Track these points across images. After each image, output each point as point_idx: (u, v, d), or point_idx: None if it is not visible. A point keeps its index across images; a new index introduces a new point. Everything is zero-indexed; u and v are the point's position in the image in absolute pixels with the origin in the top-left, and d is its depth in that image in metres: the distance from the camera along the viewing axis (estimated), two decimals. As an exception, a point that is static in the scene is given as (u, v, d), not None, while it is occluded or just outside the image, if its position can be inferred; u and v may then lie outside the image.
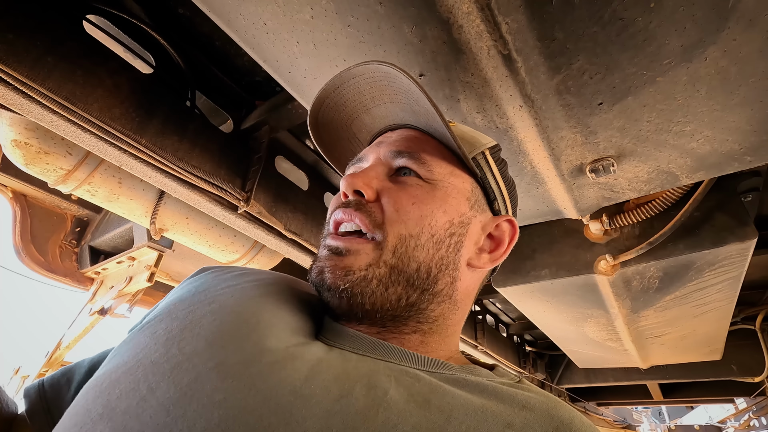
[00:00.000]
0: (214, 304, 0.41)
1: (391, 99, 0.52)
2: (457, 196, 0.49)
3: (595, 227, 1.35)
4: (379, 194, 0.47)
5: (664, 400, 3.65)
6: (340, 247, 0.44)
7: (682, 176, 0.91)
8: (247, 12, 0.65)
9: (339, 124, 0.58)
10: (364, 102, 0.54)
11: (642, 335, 1.91)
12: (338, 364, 0.36)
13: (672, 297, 1.51)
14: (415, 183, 0.48)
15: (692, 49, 0.62)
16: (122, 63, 0.94)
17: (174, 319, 0.40)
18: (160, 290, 2.00)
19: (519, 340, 3.16)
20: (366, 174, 0.48)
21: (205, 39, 1.10)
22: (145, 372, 0.34)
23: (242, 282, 0.46)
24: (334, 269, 0.43)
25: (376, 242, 0.44)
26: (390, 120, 0.56)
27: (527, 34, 0.60)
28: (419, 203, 0.46)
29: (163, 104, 0.99)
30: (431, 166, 0.49)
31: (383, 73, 0.49)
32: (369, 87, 0.52)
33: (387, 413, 0.32)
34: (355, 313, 0.43)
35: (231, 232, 1.47)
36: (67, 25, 0.85)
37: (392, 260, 0.44)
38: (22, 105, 0.79)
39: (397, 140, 0.52)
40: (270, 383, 0.32)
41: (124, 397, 0.32)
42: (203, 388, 0.31)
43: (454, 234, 0.48)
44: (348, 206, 0.46)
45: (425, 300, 0.45)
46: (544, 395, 0.39)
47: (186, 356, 0.34)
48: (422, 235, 0.45)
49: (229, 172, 1.11)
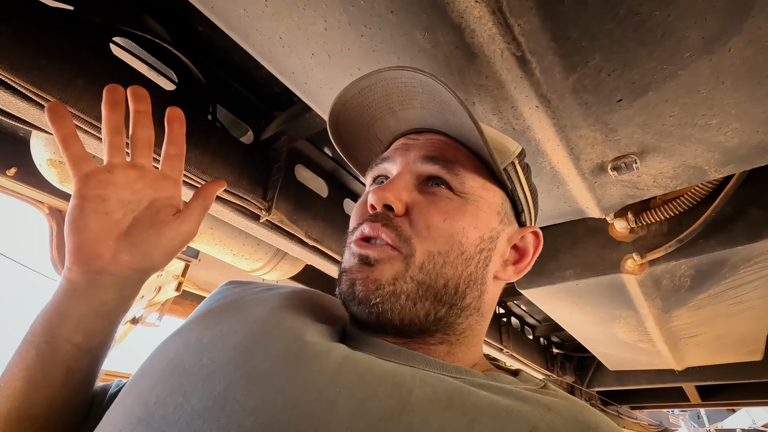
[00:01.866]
0: (242, 314, 0.43)
1: (422, 105, 0.51)
2: (488, 211, 0.48)
3: (621, 225, 1.32)
4: (409, 207, 0.46)
5: (702, 403, 3.50)
6: (369, 256, 0.44)
7: (711, 171, 0.88)
8: (264, 27, 0.67)
9: (360, 124, 0.57)
10: (390, 105, 0.53)
11: (675, 336, 1.84)
12: (363, 363, 0.37)
13: (705, 295, 1.46)
14: (446, 196, 0.46)
15: (714, 41, 0.60)
16: (147, 81, 0.98)
17: (204, 328, 0.42)
18: (188, 299, 2.06)
19: (546, 342, 3.09)
20: (395, 187, 0.46)
21: (224, 54, 1.14)
22: (180, 380, 0.36)
23: (267, 295, 0.48)
24: (365, 282, 0.43)
25: (404, 255, 0.43)
26: (417, 123, 0.54)
27: (540, 34, 0.59)
28: (450, 219, 0.45)
29: (186, 119, 1.03)
30: (464, 179, 0.47)
31: (418, 81, 0.47)
32: (398, 91, 0.51)
33: (411, 416, 0.32)
34: (384, 327, 0.43)
35: (254, 240, 1.51)
36: (95, 48, 0.90)
37: (420, 276, 0.43)
38: (55, 126, 0.83)
39: (427, 145, 0.50)
40: (297, 388, 0.33)
41: (161, 403, 0.34)
42: (235, 396, 0.33)
43: (484, 250, 0.47)
44: (376, 221, 0.45)
45: (453, 314, 0.45)
46: (570, 400, 0.39)
47: (217, 365, 0.36)
48: (452, 252, 0.44)
49: (250, 182, 1.14)
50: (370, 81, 0.51)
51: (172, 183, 0.50)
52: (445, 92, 0.45)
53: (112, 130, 0.48)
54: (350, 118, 0.56)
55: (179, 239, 0.47)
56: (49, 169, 1.09)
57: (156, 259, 0.46)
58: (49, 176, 1.11)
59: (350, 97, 0.53)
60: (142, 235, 0.45)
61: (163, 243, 0.46)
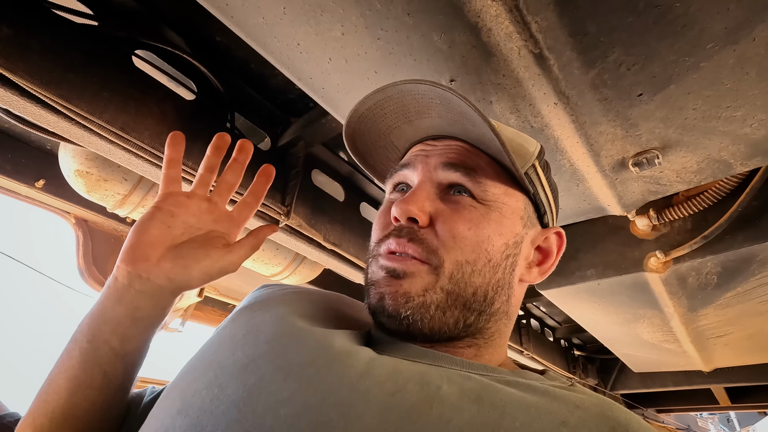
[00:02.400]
0: (273, 311, 0.45)
1: (440, 115, 0.50)
2: (512, 216, 0.48)
3: (642, 223, 1.29)
4: (433, 218, 0.46)
5: (732, 406, 3.38)
6: (398, 270, 0.44)
7: (736, 164, 0.86)
8: (281, 34, 0.68)
9: (376, 134, 0.58)
10: (407, 115, 0.53)
11: (702, 335, 1.79)
12: (391, 363, 0.37)
13: (733, 293, 1.41)
14: (469, 205, 0.46)
15: (738, 31, 0.59)
16: (167, 91, 1.00)
17: (238, 325, 0.44)
18: (209, 305, 2.09)
19: (567, 344, 3.04)
20: (417, 198, 0.46)
21: (241, 63, 1.16)
22: (215, 373, 0.37)
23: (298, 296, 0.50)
24: (394, 296, 0.43)
25: (432, 267, 0.43)
26: (435, 131, 0.54)
27: (558, 31, 0.59)
28: (475, 228, 0.45)
29: (206, 127, 1.05)
30: (486, 186, 0.47)
31: (436, 94, 0.47)
32: (415, 102, 0.51)
33: (441, 408, 0.32)
34: (414, 336, 0.44)
35: (273, 245, 1.52)
36: (118, 61, 0.93)
37: (449, 286, 0.43)
38: (83, 137, 0.86)
39: (447, 151, 0.50)
40: (329, 381, 0.34)
41: (198, 395, 0.36)
42: (269, 388, 0.34)
43: (510, 255, 0.47)
44: (401, 236, 0.45)
45: (482, 320, 0.45)
46: (598, 398, 0.38)
47: (250, 358, 0.37)
48: (479, 260, 0.44)
49: (269, 188, 1.16)
50: (386, 94, 0.51)
51: (235, 225, 0.55)
52: (465, 105, 0.45)
53: (207, 168, 0.55)
54: (366, 129, 0.57)
55: (220, 264, 0.50)
56: (76, 179, 1.12)
57: (193, 275, 0.48)
58: (77, 186, 1.14)
59: (366, 110, 0.54)
60: (190, 251, 0.48)
61: (205, 263, 0.49)
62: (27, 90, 0.76)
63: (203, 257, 0.48)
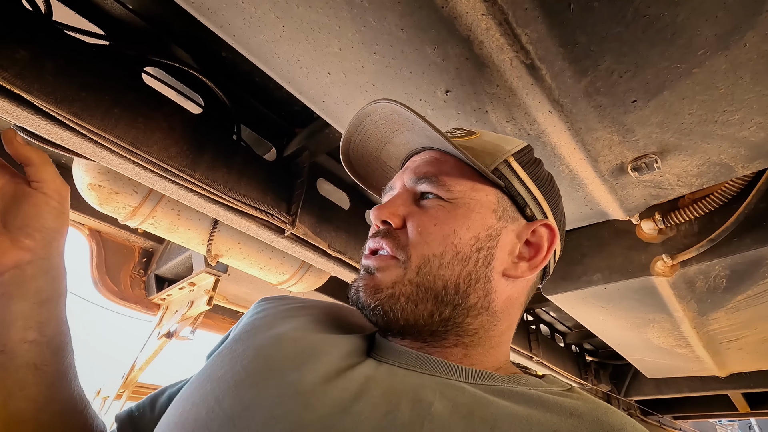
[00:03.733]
0: (274, 329, 0.46)
1: (407, 128, 0.55)
2: (481, 210, 0.49)
3: (648, 226, 1.28)
4: (406, 220, 0.49)
5: (751, 412, 3.29)
6: (370, 266, 0.48)
7: (737, 167, 0.86)
8: (282, 51, 0.71)
9: (369, 158, 0.62)
10: (384, 134, 0.58)
11: (714, 340, 1.76)
12: (385, 380, 0.39)
13: (744, 297, 1.39)
14: (436, 204, 0.49)
15: (728, 37, 0.60)
16: (175, 106, 1.04)
17: (237, 341, 0.45)
18: (219, 313, 2.12)
19: (578, 349, 3.00)
20: (392, 204, 0.51)
21: (246, 76, 1.19)
22: (212, 386, 0.39)
23: (298, 311, 0.51)
24: (366, 288, 0.47)
25: (401, 261, 0.47)
26: (412, 145, 0.58)
27: (548, 41, 0.60)
28: (441, 224, 0.48)
29: (212, 140, 1.08)
30: (450, 186, 0.50)
31: (390, 109, 0.52)
32: (384, 121, 0.56)
33: (431, 425, 0.33)
34: (393, 328, 0.46)
35: (280, 254, 1.55)
36: (128, 78, 0.96)
37: (417, 279, 0.45)
38: (95, 152, 0.90)
39: (420, 165, 0.54)
40: (324, 401, 0.35)
41: (195, 407, 0.37)
42: (264, 404, 0.35)
43: (482, 248, 0.48)
44: (377, 235, 0.49)
45: (460, 315, 0.46)
46: (594, 402, 0.39)
47: (248, 374, 0.39)
48: (446, 254, 0.46)
49: (275, 197, 1.18)
50: (359, 120, 0.56)
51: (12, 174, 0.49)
52: (409, 114, 0.49)
53: None
54: (358, 154, 0.61)
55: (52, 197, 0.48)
56: (89, 193, 1.16)
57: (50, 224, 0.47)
58: (90, 199, 1.18)
59: (351, 137, 0.59)
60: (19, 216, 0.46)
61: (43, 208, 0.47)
62: (42, 109, 0.80)
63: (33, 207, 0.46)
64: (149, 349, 1.77)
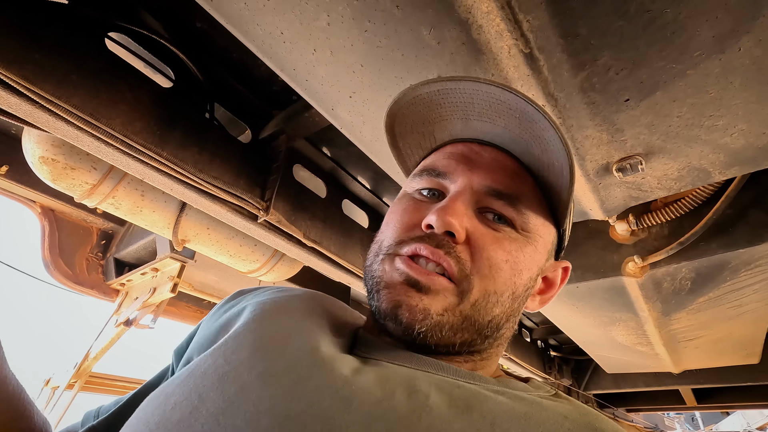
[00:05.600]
0: (254, 316, 0.42)
1: (506, 127, 0.47)
2: (543, 250, 0.47)
3: (622, 228, 1.31)
4: (469, 236, 0.43)
5: (698, 406, 3.49)
6: (422, 283, 0.41)
7: (715, 173, 0.87)
8: (264, 22, 0.65)
9: (421, 119, 0.53)
10: (467, 112, 0.49)
11: (674, 339, 1.83)
12: (377, 370, 0.36)
13: (706, 299, 1.45)
14: (509, 236, 0.44)
15: (725, 40, 0.59)
16: (143, 78, 0.96)
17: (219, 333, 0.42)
18: (183, 300, 2.03)
19: (543, 345, 3.09)
20: (457, 212, 0.42)
21: (222, 51, 1.12)
22: (195, 382, 0.35)
23: (279, 297, 0.47)
24: (413, 310, 0.40)
25: (460, 289, 0.41)
26: (486, 137, 0.50)
27: (549, 31, 0.58)
28: (512, 261, 0.43)
29: (183, 117, 1.01)
30: (528, 218, 0.45)
31: (519, 108, 0.44)
32: (486, 105, 0.47)
33: (430, 418, 0.31)
34: (414, 345, 0.42)
35: (251, 241, 1.48)
36: (90, 44, 0.88)
37: (469, 311, 0.42)
38: (48, 122, 0.81)
39: (494, 170, 0.46)
40: (311, 387, 0.33)
41: (178, 407, 0.33)
42: (249, 397, 0.32)
43: (529, 288, 0.46)
44: (437, 246, 0.41)
45: (486, 344, 0.45)
46: (583, 407, 0.38)
47: (231, 366, 0.35)
48: (505, 293, 0.43)
49: (248, 181, 1.12)
50: (459, 85, 0.46)
51: None
52: (552, 132, 0.42)
53: None
54: (413, 111, 0.52)
55: None
56: (41, 167, 1.06)
57: None
58: (41, 174, 1.08)
59: (425, 93, 0.49)
60: None
61: None
62: (-14, 69, 0.71)
63: None
64: (106, 336, 1.66)
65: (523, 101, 0.42)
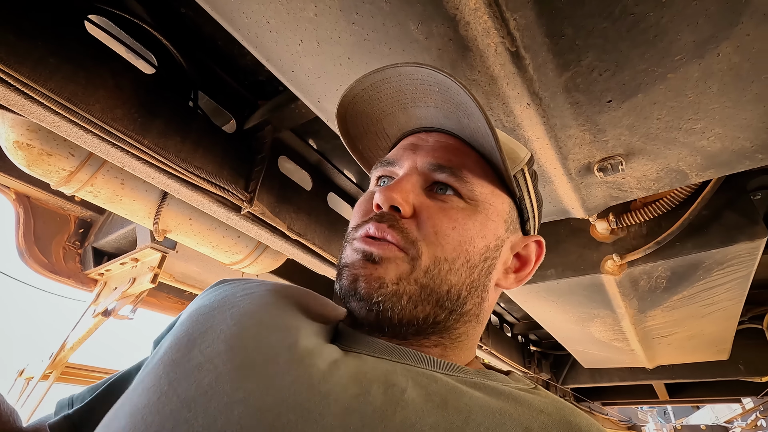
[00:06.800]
0: (233, 309, 0.42)
1: (436, 104, 0.49)
2: (496, 219, 0.47)
3: (602, 226, 1.34)
4: (417, 210, 0.45)
5: (670, 400, 3.62)
6: (374, 254, 0.42)
7: (692, 174, 0.90)
8: (250, 10, 0.64)
9: (369, 118, 0.55)
10: (403, 101, 0.51)
11: (649, 335, 1.89)
12: (355, 364, 0.36)
13: (680, 297, 1.50)
14: (455, 205, 0.46)
15: (705, 45, 0.61)
16: (124, 63, 0.93)
17: (194, 323, 0.41)
18: (164, 291, 2.00)
19: (523, 339, 3.14)
20: (402, 188, 0.45)
21: (207, 39, 1.09)
22: (166, 370, 0.35)
23: (260, 290, 0.47)
24: (368, 279, 0.41)
25: (410, 256, 0.42)
26: (428, 122, 0.53)
27: (535, 30, 0.58)
28: (459, 228, 0.44)
29: (166, 104, 0.99)
30: (473, 186, 0.46)
31: (436, 80, 0.46)
32: (413, 88, 0.49)
33: (405, 412, 0.31)
34: (382, 326, 0.43)
35: (234, 233, 1.47)
36: (69, 26, 0.85)
37: (423, 279, 0.42)
38: (23, 106, 0.79)
39: (437, 149, 0.49)
40: (288, 381, 0.33)
41: (146, 393, 0.33)
42: (224, 388, 0.32)
43: (488, 258, 0.47)
44: (382, 221, 0.44)
45: (452, 319, 0.45)
46: (560, 401, 0.39)
47: (207, 358, 0.35)
48: (458, 260, 0.44)
49: (232, 172, 1.11)
50: (385, 75, 0.49)
51: None
52: (464, 94, 0.44)
53: None
54: (359, 111, 0.54)
55: None
56: (15, 152, 1.03)
57: None
58: (16, 159, 1.05)
59: (361, 90, 0.51)
60: None
61: None
62: (-43, 48, 0.68)
63: None
64: (83, 327, 1.63)
65: (435, 73, 0.44)
